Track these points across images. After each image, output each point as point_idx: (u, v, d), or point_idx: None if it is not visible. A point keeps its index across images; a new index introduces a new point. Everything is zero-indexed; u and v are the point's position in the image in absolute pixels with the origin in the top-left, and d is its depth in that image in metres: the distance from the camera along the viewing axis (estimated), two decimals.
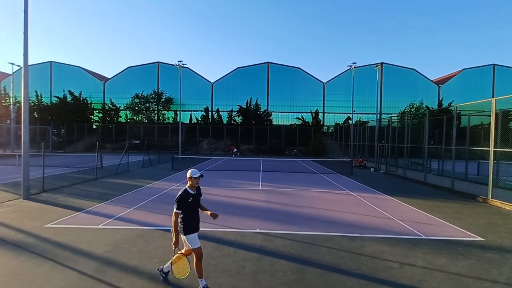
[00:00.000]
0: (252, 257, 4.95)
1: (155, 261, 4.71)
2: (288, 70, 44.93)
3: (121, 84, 44.98)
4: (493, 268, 4.65)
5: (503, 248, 5.56)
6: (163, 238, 5.82)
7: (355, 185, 13.45)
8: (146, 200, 9.32)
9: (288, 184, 13.06)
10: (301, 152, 37.91)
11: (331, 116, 44.58)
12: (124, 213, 7.71)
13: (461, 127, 18.13)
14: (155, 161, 21.76)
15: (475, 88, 43.38)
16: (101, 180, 13.50)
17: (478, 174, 15.61)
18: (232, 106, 43.47)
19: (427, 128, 14.92)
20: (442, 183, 13.14)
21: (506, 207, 9.04)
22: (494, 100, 10.26)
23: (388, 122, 21.43)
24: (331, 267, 4.61)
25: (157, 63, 45.31)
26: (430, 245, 5.66)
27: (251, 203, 9.18)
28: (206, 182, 13.33)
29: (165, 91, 43.79)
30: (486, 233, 6.47)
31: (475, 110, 18.46)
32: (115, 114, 43.64)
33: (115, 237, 5.84)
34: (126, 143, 18.98)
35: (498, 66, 43.79)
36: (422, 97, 42.15)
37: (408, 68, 44.22)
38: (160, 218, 7.26)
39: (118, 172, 15.81)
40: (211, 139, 39.92)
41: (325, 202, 9.49)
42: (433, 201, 9.96)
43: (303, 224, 7.00)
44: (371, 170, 20.34)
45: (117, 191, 10.66)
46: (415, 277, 4.31)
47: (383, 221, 7.36)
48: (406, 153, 17.67)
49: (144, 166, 19.26)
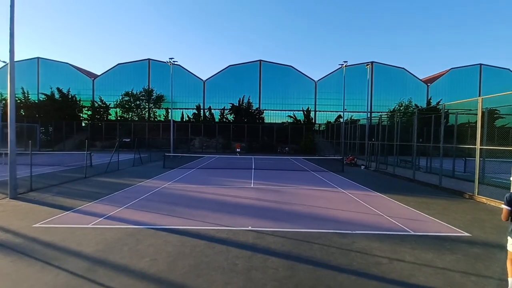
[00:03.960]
0: (244, 254, 4.97)
1: (146, 259, 4.68)
2: (280, 68, 45.01)
3: (110, 81, 44.22)
4: (479, 262, 4.80)
5: (488, 243, 5.74)
6: (154, 236, 5.78)
7: (346, 182, 13.63)
8: (137, 198, 9.23)
9: (280, 182, 13.13)
10: (293, 150, 38.11)
11: (322, 114, 44.93)
12: (114, 212, 7.62)
13: (449, 125, 18.55)
14: (146, 159, 21.52)
15: (462, 87, 44.39)
16: (91, 178, 13.29)
17: (465, 171, 16.04)
18: (224, 104, 43.32)
19: (416, 126, 15.22)
20: (430, 180, 13.44)
21: (491, 203, 9.32)
22: (480, 99, 10.54)
23: (379, 120, 21.75)
24: (322, 263, 4.68)
25: (147, 60, 44.71)
26: (418, 241, 5.79)
27: (243, 201, 9.20)
28: (198, 181, 13.28)
29: (156, 88, 43.28)
30: (472, 229, 6.67)
31: (463, 109, 18.90)
32: (105, 111, 42.94)
33: (105, 236, 5.77)
34: (116, 141, 18.70)
35: (484, 65, 44.91)
36: (411, 95, 42.89)
37: (398, 67, 44.91)
38: (151, 217, 7.21)
39: (108, 170, 15.58)
40: (203, 137, 39.73)
41: (316, 200, 9.59)
42: (422, 198, 10.19)
43: (295, 221, 7.06)
44: (361, 167, 20.62)
45: (107, 190, 10.52)
46: (404, 272, 4.41)
47: (373, 218, 7.49)
48: (396, 151, 17.99)
49: (135, 165, 19.04)
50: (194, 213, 7.59)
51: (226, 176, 14.84)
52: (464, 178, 14.16)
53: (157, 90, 43.16)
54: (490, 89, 42.97)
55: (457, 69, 45.22)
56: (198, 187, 11.55)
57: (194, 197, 9.67)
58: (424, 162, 18.29)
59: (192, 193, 10.31)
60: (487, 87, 43.87)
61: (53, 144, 37.01)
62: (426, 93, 44.78)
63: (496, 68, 44.81)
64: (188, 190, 10.84)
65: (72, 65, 45.11)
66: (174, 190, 10.74)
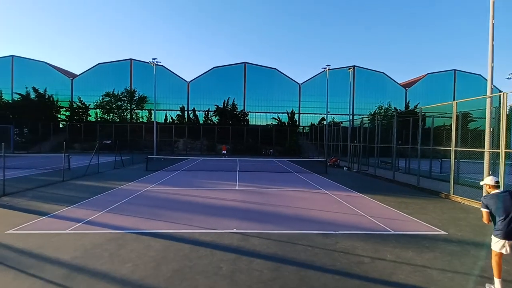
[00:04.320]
0: (229, 257, 4.95)
1: (128, 265, 4.55)
2: (265, 71, 45.29)
3: (90, 81, 42.79)
4: (455, 259, 5.03)
5: (464, 241, 6.02)
6: (137, 241, 5.64)
7: (329, 183, 13.87)
8: (118, 202, 8.96)
9: (265, 184, 13.17)
10: (277, 151, 38.38)
11: (306, 117, 45.57)
12: (94, 216, 7.36)
13: (426, 128, 19.33)
14: (128, 161, 20.96)
15: (438, 92, 46.42)
16: (69, 182, 12.78)
17: (441, 172, 16.75)
18: (208, 106, 43.01)
19: (395, 129, 15.75)
20: (409, 181, 13.93)
21: (466, 203, 9.79)
22: (455, 103, 11.08)
23: (360, 123, 22.33)
24: (306, 264, 4.73)
25: (129, 60, 43.68)
26: (399, 240, 5.99)
27: (228, 203, 9.15)
28: (182, 183, 13.09)
29: (139, 89, 42.33)
30: (448, 227, 6.97)
31: (438, 112, 19.77)
32: (84, 112, 41.46)
33: (84, 241, 5.56)
34: (96, 143, 18.08)
35: (458, 71, 47.25)
36: (390, 99, 44.45)
37: (378, 72, 46.37)
38: (133, 221, 7.02)
39: (88, 173, 15.04)
40: (187, 139, 39.23)
41: (300, 201, 9.70)
42: (401, 198, 10.54)
43: (279, 223, 7.10)
44: (344, 169, 21.07)
45: (86, 194, 10.15)
46: (385, 270, 4.54)
47: (355, 218, 7.67)
48: (377, 153, 18.52)
49: (116, 167, 18.49)
50: (178, 216, 7.46)
51: (210, 178, 14.71)
52: (440, 178, 14.79)
53: (139, 91, 42.21)
54: (464, 93, 45.27)
55: (433, 74, 47.30)
56: (182, 190, 11.37)
57: (178, 200, 9.51)
58: (403, 163, 18.95)
59: (176, 196, 10.14)
60: (460, 92, 46.17)
61: (28, 146, 35.24)
62: (404, 96, 46.51)
63: (469, 74, 47.25)
64: (172, 193, 10.65)
65: (49, 64, 43.32)
66: (157, 193, 10.52)
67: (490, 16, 9.85)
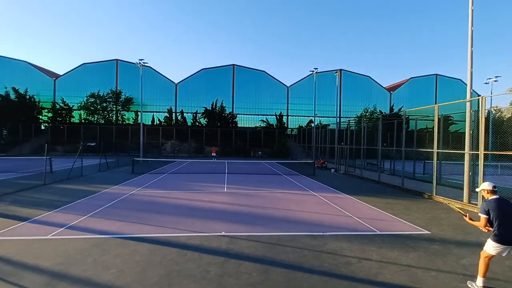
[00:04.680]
0: (217, 260, 4.90)
1: (113, 271, 4.43)
2: (253, 73, 45.43)
3: (74, 82, 41.66)
4: (438, 258, 5.17)
5: (446, 240, 6.21)
6: (122, 246, 5.50)
7: (317, 185, 14.01)
8: (102, 206, 8.72)
9: (253, 186, 13.16)
10: (266, 154, 38.47)
11: (294, 119, 45.97)
12: (77, 221, 7.13)
13: (409, 130, 19.86)
14: (113, 164, 20.46)
15: (421, 95, 47.93)
16: (51, 185, 12.34)
17: (424, 173, 17.26)
18: (196, 108, 42.68)
19: (380, 131, 16.11)
20: (393, 182, 14.26)
21: (448, 203, 10.08)
22: (437, 106, 11.45)
23: (347, 126, 22.72)
24: (295, 265, 4.75)
25: (115, 60, 42.84)
26: (384, 240, 6.11)
27: (216, 206, 9.08)
28: (169, 186, 12.89)
29: (125, 90, 41.52)
30: (432, 227, 7.17)
31: (421, 115, 20.42)
32: (68, 114, 40.22)
33: (67, 247, 5.38)
34: (80, 145, 17.56)
35: (440, 76, 48.95)
36: (376, 102, 45.55)
37: (364, 76, 47.42)
38: (119, 225, 6.85)
39: (71, 176, 14.58)
40: (175, 141, 38.72)
41: (289, 203, 9.74)
42: (386, 199, 10.77)
43: (268, 225, 7.11)
44: (332, 171, 21.34)
45: (69, 198, 9.82)
46: (372, 270, 4.62)
47: (343, 219, 7.77)
48: (363, 155, 18.88)
49: (100, 170, 18.01)
50: (165, 220, 7.34)
51: (199, 181, 14.56)
52: (424, 179, 15.23)
53: (125, 92, 41.41)
54: (445, 97, 46.96)
55: (416, 78, 48.80)
56: (170, 193, 11.20)
57: (165, 203, 9.36)
58: (388, 164, 19.39)
59: (163, 199, 9.97)
60: (442, 96, 47.85)
61: (7, 149, 33.84)
62: (389, 100, 47.73)
63: (450, 78, 49.03)
64: (158, 196, 10.47)
65: (31, 63, 41.90)
66: (143, 197, 10.31)
67: (469, 24, 10.27)
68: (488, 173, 10.63)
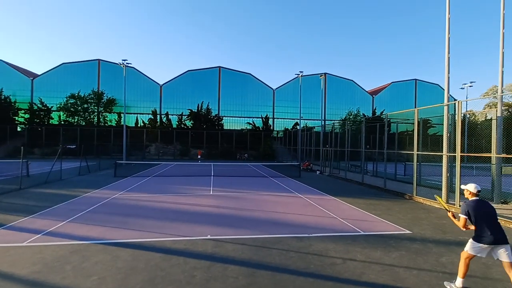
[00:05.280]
0: (202, 265, 4.83)
1: (93, 278, 4.27)
2: (239, 76, 45.49)
3: (53, 82, 40.16)
4: (419, 257, 5.33)
5: (426, 239, 6.41)
6: (103, 252, 5.31)
7: (302, 187, 14.14)
8: (83, 211, 8.42)
9: (239, 188, 13.12)
10: (252, 156, 38.49)
11: (280, 122, 46.34)
12: (55, 227, 6.84)
13: (391, 133, 20.49)
14: (94, 167, 19.82)
15: (401, 99, 49.62)
16: (27, 190, 11.79)
17: (405, 175, 17.81)
18: (182, 110, 42.19)
19: (363, 134, 16.51)
20: (376, 183, 14.63)
21: (427, 203, 10.47)
22: (416, 110, 11.88)
23: (332, 128, 23.15)
24: (281, 268, 4.76)
25: (97, 60, 41.71)
26: (368, 240, 6.24)
27: (202, 209, 8.97)
28: (153, 189, 12.63)
29: (107, 91, 40.44)
30: (412, 227, 7.40)
31: (402, 119, 21.10)
32: (46, 115, 38.67)
33: (44, 254, 5.14)
34: (59, 147, 16.90)
35: (419, 81, 50.88)
36: (359, 105, 46.74)
37: (348, 80, 48.55)
38: (100, 231, 6.62)
39: (49, 180, 13.99)
40: (160, 144, 38.02)
41: (275, 205, 9.78)
42: (369, 200, 11.02)
43: (254, 227, 7.09)
44: (317, 173, 21.62)
45: (47, 202, 9.41)
46: (356, 270, 4.70)
47: (328, 220, 7.88)
48: (347, 157, 19.28)
49: (81, 174, 17.40)
50: (149, 224, 7.17)
51: (184, 184, 14.35)
52: (405, 180, 15.71)
53: (108, 93, 40.33)
54: (424, 101, 48.76)
55: (397, 82, 50.50)
56: (154, 196, 10.97)
57: (149, 207, 9.14)
58: (371, 166, 19.89)
59: (147, 203, 9.74)
60: (421, 100, 49.69)
61: None
62: (371, 103, 49.09)
63: (428, 83, 51.06)
64: (142, 200, 10.22)
65: (6, 62, 40.04)
66: (126, 201, 10.03)
67: (446, 31, 10.74)
68: (464, 174, 11.12)
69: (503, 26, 10.20)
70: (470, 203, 4.02)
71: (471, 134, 27.57)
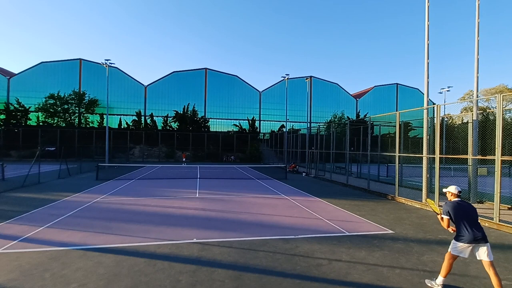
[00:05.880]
0: (188, 269, 4.76)
1: (74, 285, 4.12)
2: (226, 78, 45.37)
3: (32, 81, 38.58)
4: (401, 256, 5.49)
5: (408, 239, 6.61)
6: (84, 258, 5.13)
7: (288, 189, 14.24)
8: (62, 216, 8.10)
9: (226, 191, 13.05)
10: (239, 158, 38.40)
11: (266, 124, 46.54)
12: (33, 232, 6.54)
13: (374, 135, 21.02)
14: (75, 170, 19.15)
15: (384, 102, 51.09)
16: (3, 194, 11.21)
17: (388, 176, 18.30)
18: (167, 111, 41.59)
19: (348, 136, 16.85)
20: (360, 184, 14.94)
21: (409, 203, 10.80)
22: (398, 113, 12.26)
23: (317, 130, 23.48)
24: (268, 270, 4.76)
25: (79, 59, 40.45)
26: (353, 240, 6.36)
27: (187, 212, 8.85)
28: (137, 193, 12.34)
29: (89, 92, 39.27)
30: (395, 226, 7.61)
31: (384, 121, 21.71)
32: (23, 116, 37.04)
33: (21, 261, 4.90)
34: (37, 149, 16.21)
35: (400, 85, 52.59)
36: (343, 108, 47.74)
37: (332, 83, 49.47)
38: (81, 236, 6.39)
39: (26, 184, 13.38)
40: (144, 146, 37.22)
41: (261, 207, 9.79)
42: (354, 201, 11.25)
43: (241, 230, 7.07)
44: (303, 174, 21.84)
45: (24, 207, 9.00)
46: (341, 271, 4.78)
47: (314, 222, 7.97)
48: (332, 158, 19.59)
49: (60, 177, 16.75)
50: (133, 229, 7.00)
51: (169, 187, 14.11)
52: (387, 181, 16.15)
53: (90, 94, 39.15)
54: (405, 105, 50.50)
55: (379, 86, 51.96)
56: (138, 200, 10.72)
57: (132, 211, 8.92)
58: (355, 168, 20.31)
59: (131, 207, 9.50)
60: (402, 103, 51.39)
61: None
62: (355, 106, 50.21)
63: (408, 87, 52.84)
64: (125, 204, 9.96)
65: None
66: (109, 204, 9.74)
67: (426, 38, 11.18)
68: (443, 175, 11.58)
69: (478, 34, 10.73)
70: (450, 203, 4.18)
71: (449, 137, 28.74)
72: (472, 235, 3.89)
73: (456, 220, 4.06)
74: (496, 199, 7.60)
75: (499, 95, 7.76)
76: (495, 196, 7.64)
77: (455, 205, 4.13)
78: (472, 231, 3.92)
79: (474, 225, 3.97)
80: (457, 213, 4.06)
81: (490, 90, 45.57)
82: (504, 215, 8.23)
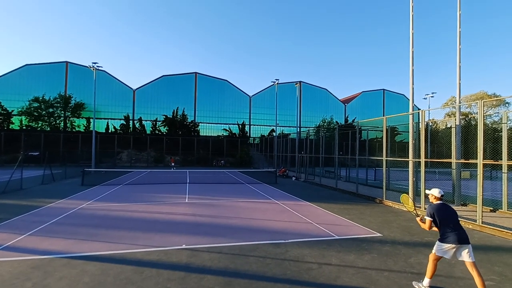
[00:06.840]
0: (177, 276, 4.68)
1: None
2: (216, 82, 45.35)
3: (15, 84, 37.47)
4: (389, 259, 5.56)
5: (395, 241, 6.72)
6: (68, 266, 4.97)
7: (279, 193, 14.26)
8: (46, 223, 7.83)
9: (216, 196, 12.94)
10: (229, 162, 38.24)
11: (256, 128, 46.64)
12: (14, 241, 6.29)
13: (362, 140, 21.38)
14: (59, 175, 18.60)
15: (371, 108, 52.18)
16: None
17: (375, 179, 18.62)
18: (156, 116, 41.12)
19: (337, 141, 17.08)
20: (349, 188, 15.13)
21: (396, 206, 10.99)
22: (384, 118, 12.54)
23: (307, 135, 23.69)
24: (258, 275, 4.74)
25: (65, 62, 39.62)
26: (342, 244, 6.41)
27: (177, 218, 8.72)
28: (125, 198, 12.08)
29: (76, 95, 38.41)
30: (383, 229, 7.72)
31: (372, 126, 22.13)
32: (6, 119, 35.83)
33: (1, 271, 4.70)
34: (20, 154, 15.68)
35: (387, 91, 53.89)
36: (332, 113, 48.46)
37: (322, 88, 50.19)
38: (65, 244, 6.18)
39: (7, 190, 12.89)
40: (132, 150, 36.56)
41: (251, 212, 9.75)
42: (343, 205, 11.36)
43: (231, 235, 7.01)
44: (292, 179, 21.93)
45: (5, 214, 8.65)
46: (331, 274, 4.80)
47: (304, 226, 7.99)
48: (321, 163, 19.79)
49: (44, 182, 16.22)
50: (119, 235, 6.83)
51: (158, 192, 13.88)
52: (375, 185, 16.42)
53: (76, 97, 38.29)
54: (391, 110, 51.70)
55: (367, 92, 53.08)
56: (125, 206, 10.49)
57: (119, 217, 8.72)
58: (344, 172, 20.56)
59: (118, 213, 9.29)
60: (389, 108, 52.61)
61: None
62: (344, 111, 51.05)
63: (395, 93, 54.21)
64: (112, 210, 9.73)
65: None
66: (95, 211, 9.49)
67: (410, 45, 11.53)
68: (428, 178, 11.88)
69: (460, 42, 11.16)
70: (435, 205, 4.30)
71: (433, 141, 29.55)
72: (456, 236, 4.02)
73: (440, 222, 4.16)
74: (479, 202, 7.84)
75: (480, 101, 8.06)
76: (478, 198, 7.88)
77: (440, 207, 4.25)
78: (456, 232, 4.05)
79: (457, 227, 4.10)
80: (442, 215, 4.17)
81: (472, 96, 47.32)
82: (486, 217, 8.50)
